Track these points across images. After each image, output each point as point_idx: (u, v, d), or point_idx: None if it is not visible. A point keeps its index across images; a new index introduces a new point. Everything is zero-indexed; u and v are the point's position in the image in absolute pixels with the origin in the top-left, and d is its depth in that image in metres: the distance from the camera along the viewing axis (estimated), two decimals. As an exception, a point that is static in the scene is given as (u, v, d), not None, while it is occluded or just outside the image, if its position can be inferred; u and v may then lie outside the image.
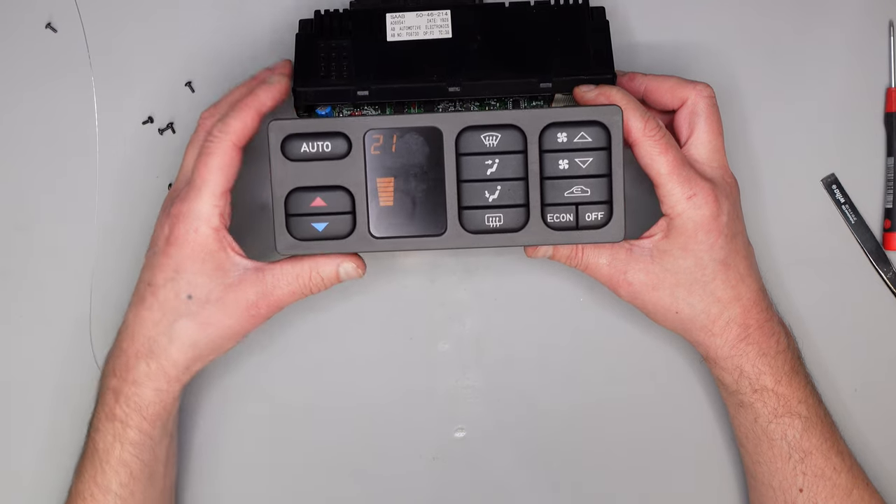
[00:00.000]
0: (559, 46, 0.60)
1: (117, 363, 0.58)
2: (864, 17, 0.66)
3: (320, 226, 0.57)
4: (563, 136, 0.56)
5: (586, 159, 0.56)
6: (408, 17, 0.61)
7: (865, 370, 0.66)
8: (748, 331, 0.59)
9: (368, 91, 0.59)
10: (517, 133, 0.56)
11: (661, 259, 0.58)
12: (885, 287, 0.66)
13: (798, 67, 0.67)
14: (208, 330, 0.57)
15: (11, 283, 0.67)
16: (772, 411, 0.59)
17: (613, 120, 0.55)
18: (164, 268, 0.57)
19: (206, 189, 0.56)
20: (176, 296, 0.57)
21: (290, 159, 0.56)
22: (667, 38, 0.67)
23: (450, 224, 0.57)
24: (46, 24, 0.67)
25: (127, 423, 0.58)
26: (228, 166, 0.56)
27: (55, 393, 0.67)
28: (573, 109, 0.55)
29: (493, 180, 0.56)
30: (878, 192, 0.67)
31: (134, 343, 0.58)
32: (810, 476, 0.59)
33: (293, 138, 0.56)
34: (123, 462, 0.59)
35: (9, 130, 0.67)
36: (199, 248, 0.56)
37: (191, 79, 0.67)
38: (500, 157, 0.56)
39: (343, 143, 0.56)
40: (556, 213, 0.57)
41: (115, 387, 0.58)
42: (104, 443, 0.59)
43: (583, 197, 0.56)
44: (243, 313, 0.57)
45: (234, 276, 0.57)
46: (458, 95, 0.60)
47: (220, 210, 0.56)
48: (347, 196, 0.56)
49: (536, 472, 0.67)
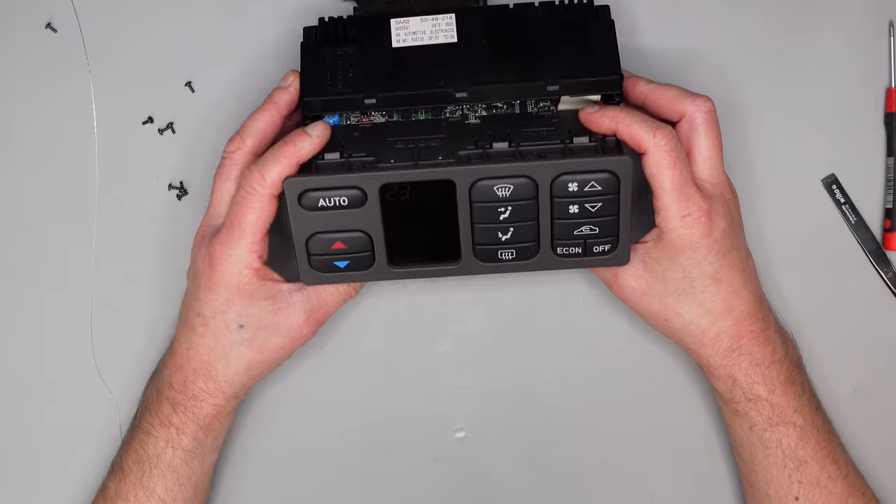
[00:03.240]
0: (566, 47, 0.60)
1: (174, 378, 0.60)
2: (864, 17, 0.66)
3: (342, 264, 0.59)
4: (574, 186, 0.56)
5: (596, 204, 0.57)
6: (412, 22, 0.61)
7: (865, 370, 0.66)
8: (740, 342, 0.59)
9: (376, 99, 0.59)
10: (529, 182, 0.56)
11: (652, 267, 0.58)
12: (885, 287, 0.66)
13: (798, 67, 0.67)
14: (263, 353, 0.60)
15: (11, 283, 0.67)
16: (766, 420, 0.59)
17: (623, 171, 0.56)
18: (212, 302, 0.59)
19: (246, 238, 0.58)
20: (227, 326, 0.59)
21: (307, 209, 0.57)
22: (669, 38, 0.66)
23: (464, 256, 0.58)
24: (46, 25, 0.67)
25: (183, 431, 0.60)
26: (266, 217, 0.58)
27: (55, 393, 0.67)
28: (584, 161, 0.56)
29: (505, 223, 0.57)
30: (878, 192, 0.67)
31: (190, 364, 0.60)
32: (806, 485, 0.59)
33: (310, 192, 0.56)
34: (173, 467, 0.60)
35: (9, 130, 0.67)
36: (244, 287, 0.58)
37: (191, 79, 0.67)
38: (513, 205, 0.57)
39: (359, 195, 0.56)
40: (565, 248, 0.58)
41: (172, 398, 0.60)
42: (155, 447, 0.60)
43: (591, 234, 0.58)
44: (294, 333, 0.60)
45: (281, 302, 0.60)
46: (466, 100, 0.59)
47: (259, 253, 0.58)
48: (366, 237, 0.58)
49: (536, 472, 0.67)
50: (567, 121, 0.59)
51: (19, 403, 0.67)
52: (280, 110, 0.60)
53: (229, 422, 0.63)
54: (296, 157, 0.56)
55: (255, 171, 0.57)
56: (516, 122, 0.60)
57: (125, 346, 0.67)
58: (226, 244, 0.58)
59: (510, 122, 0.60)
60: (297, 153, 0.57)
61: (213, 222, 0.60)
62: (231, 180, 0.59)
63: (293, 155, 0.56)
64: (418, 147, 0.58)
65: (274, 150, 0.57)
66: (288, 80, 0.60)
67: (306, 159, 0.57)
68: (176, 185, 0.67)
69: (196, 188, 0.67)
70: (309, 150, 0.57)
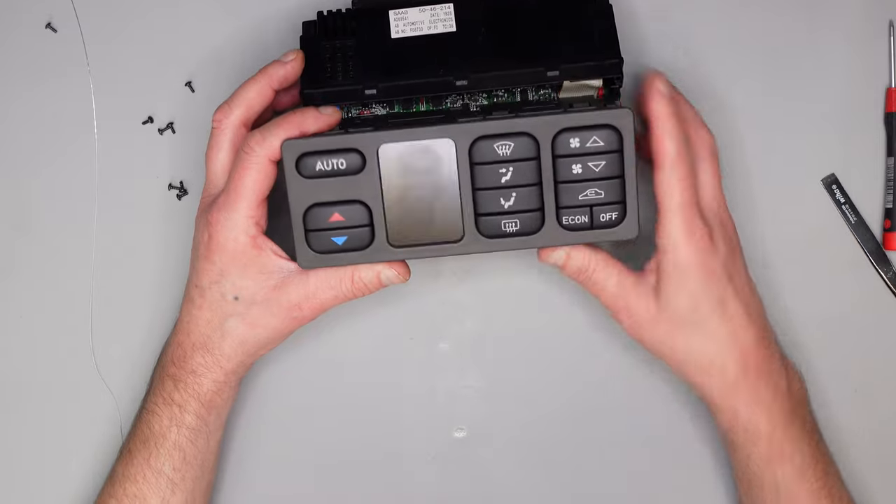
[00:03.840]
0: (564, 33, 0.60)
1: (175, 354, 0.60)
2: (864, 17, 0.66)
3: (340, 239, 0.57)
4: (576, 142, 0.56)
5: (599, 162, 0.56)
6: (411, 12, 0.61)
7: (865, 370, 0.66)
8: (746, 373, 0.58)
9: (376, 89, 0.59)
10: (530, 140, 0.56)
11: (660, 295, 0.58)
12: (885, 287, 0.66)
13: (798, 67, 0.67)
14: (256, 329, 0.59)
15: (11, 283, 0.67)
16: (764, 456, 0.59)
17: (624, 123, 0.55)
18: (209, 272, 0.58)
19: (243, 201, 0.57)
20: (223, 297, 0.59)
21: (305, 177, 0.56)
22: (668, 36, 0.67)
23: (466, 230, 0.57)
24: (46, 24, 0.67)
25: (185, 408, 0.60)
26: (264, 180, 0.57)
27: (55, 393, 0.67)
28: (584, 114, 0.56)
29: (507, 187, 0.56)
30: (878, 192, 0.67)
31: (190, 337, 0.60)
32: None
33: (307, 156, 0.56)
34: (178, 446, 0.60)
35: (8, 131, 0.67)
36: (239, 255, 0.58)
37: (191, 79, 0.67)
38: (514, 165, 0.56)
39: (357, 159, 0.56)
40: (570, 216, 0.57)
41: (173, 374, 0.60)
42: (160, 426, 0.60)
43: (597, 199, 0.57)
44: (287, 314, 0.59)
45: (277, 278, 0.58)
46: (466, 89, 0.60)
47: (256, 220, 0.58)
48: (365, 209, 0.57)
49: (536, 472, 0.67)
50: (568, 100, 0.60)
51: (18, 403, 0.67)
52: (272, 83, 0.59)
53: (232, 400, 0.62)
54: (300, 128, 0.56)
55: (256, 134, 0.56)
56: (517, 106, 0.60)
57: (125, 346, 0.67)
58: (223, 209, 0.57)
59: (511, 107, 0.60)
60: (303, 124, 0.56)
61: (212, 191, 0.60)
62: (224, 150, 0.59)
63: (298, 124, 0.56)
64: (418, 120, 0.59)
65: (281, 118, 0.57)
66: (289, 57, 0.59)
67: (310, 131, 0.57)
68: (176, 185, 0.67)
69: (196, 188, 0.67)
70: (314, 124, 0.57)
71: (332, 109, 0.58)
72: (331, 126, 0.58)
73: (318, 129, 0.57)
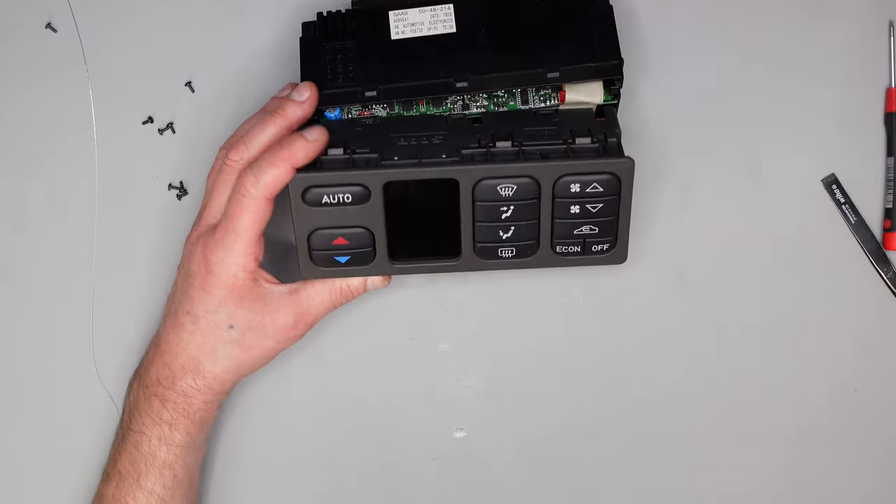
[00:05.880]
0: (564, 34, 0.60)
1: (161, 374, 0.60)
2: (864, 17, 0.66)
3: (343, 258, 0.59)
4: (577, 186, 0.57)
5: (597, 205, 0.57)
6: (411, 13, 0.61)
7: (865, 370, 0.66)
8: None
9: (376, 91, 0.59)
10: (532, 182, 0.56)
11: None
12: (885, 287, 0.66)
13: (798, 67, 0.67)
14: (250, 352, 0.60)
15: (11, 283, 0.67)
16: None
17: (626, 172, 0.56)
18: (205, 302, 0.59)
19: (241, 241, 0.58)
20: (217, 326, 0.59)
21: (310, 206, 0.57)
22: (668, 36, 0.67)
23: (464, 253, 0.59)
24: (46, 25, 0.67)
25: (175, 426, 0.60)
26: (262, 219, 0.58)
27: (55, 393, 0.67)
28: (588, 163, 0.56)
29: (507, 222, 0.57)
30: (878, 192, 0.67)
31: (178, 359, 0.60)
32: None
33: (314, 188, 0.56)
34: (168, 464, 0.60)
35: (9, 131, 0.67)
36: (237, 289, 0.59)
37: (191, 79, 0.67)
38: (515, 204, 0.57)
39: (363, 191, 0.57)
40: (564, 246, 0.59)
41: (161, 394, 0.60)
42: (149, 445, 0.60)
43: (591, 233, 0.58)
44: (282, 335, 0.60)
45: (271, 304, 0.60)
46: (467, 90, 0.60)
47: (256, 255, 0.59)
48: (368, 233, 0.58)
49: (536, 472, 0.67)
50: (568, 119, 0.59)
51: (19, 404, 0.67)
52: (291, 126, 0.59)
53: (215, 416, 0.63)
54: (291, 162, 0.56)
55: (249, 174, 0.57)
56: (518, 120, 0.60)
57: (125, 345, 0.67)
58: (221, 247, 0.58)
59: (512, 120, 0.60)
60: (293, 158, 0.56)
61: (210, 222, 0.60)
62: (231, 186, 0.59)
63: (289, 159, 0.56)
64: (421, 144, 0.58)
65: (270, 154, 0.57)
66: (304, 95, 0.59)
67: (302, 165, 0.57)
68: (176, 185, 0.67)
69: (196, 188, 0.67)
70: (305, 156, 0.57)
71: (318, 132, 0.58)
72: (320, 151, 0.57)
73: (308, 159, 0.57)
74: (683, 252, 0.66)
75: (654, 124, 0.67)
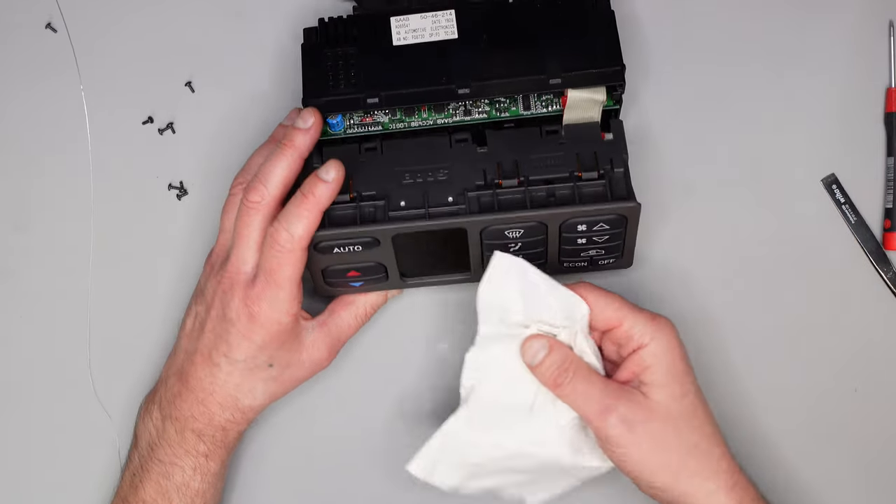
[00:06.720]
0: (566, 40, 0.60)
1: (196, 410, 0.60)
2: (864, 17, 0.66)
3: (357, 283, 0.61)
4: (584, 227, 0.58)
5: (604, 236, 0.58)
6: (412, 19, 0.61)
7: (865, 370, 0.66)
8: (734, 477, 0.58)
9: (378, 98, 0.59)
10: (540, 225, 0.57)
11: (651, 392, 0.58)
12: (885, 287, 0.66)
13: (798, 67, 0.67)
14: (286, 385, 0.62)
15: (11, 283, 0.67)
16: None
17: (633, 214, 0.57)
18: (245, 349, 0.59)
19: (285, 292, 0.58)
20: (257, 367, 0.60)
21: (322, 253, 0.58)
22: (669, 39, 0.67)
23: (474, 269, 0.61)
24: (46, 25, 0.67)
25: (212, 458, 0.61)
26: (301, 268, 0.58)
27: (54, 394, 0.67)
28: (595, 208, 0.57)
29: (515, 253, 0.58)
30: (878, 192, 0.67)
31: (214, 397, 0.60)
32: None
33: (326, 241, 0.58)
34: (200, 493, 0.61)
35: (8, 131, 0.67)
36: (281, 335, 0.59)
37: (191, 79, 0.67)
38: (522, 242, 0.58)
39: (372, 241, 0.58)
40: (571, 264, 0.61)
41: (198, 430, 0.60)
42: (183, 476, 0.60)
43: (597, 254, 0.60)
44: (317, 366, 0.62)
45: (305, 341, 0.61)
46: (469, 97, 0.60)
47: (298, 299, 0.59)
48: (380, 266, 0.60)
49: (536, 472, 0.67)
50: (574, 139, 0.59)
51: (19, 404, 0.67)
52: (302, 155, 0.58)
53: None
54: (318, 208, 0.57)
55: (281, 231, 0.57)
56: (523, 141, 0.60)
57: (124, 347, 0.67)
58: (264, 299, 0.58)
59: (516, 141, 0.60)
60: (318, 204, 0.57)
61: (243, 268, 0.59)
62: (257, 228, 0.58)
63: (314, 206, 0.57)
64: (426, 182, 0.59)
65: (296, 205, 0.57)
66: (308, 122, 0.58)
67: (328, 206, 0.57)
68: (176, 185, 0.67)
69: (196, 188, 0.67)
70: (328, 197, 0.57)
71: (334, 170, 0.57)
72: (341, 183, 0.57)
73: (332, 199, 0.57)
74: (684, 252, 0.66)
75: (656, 125, 0.67)
